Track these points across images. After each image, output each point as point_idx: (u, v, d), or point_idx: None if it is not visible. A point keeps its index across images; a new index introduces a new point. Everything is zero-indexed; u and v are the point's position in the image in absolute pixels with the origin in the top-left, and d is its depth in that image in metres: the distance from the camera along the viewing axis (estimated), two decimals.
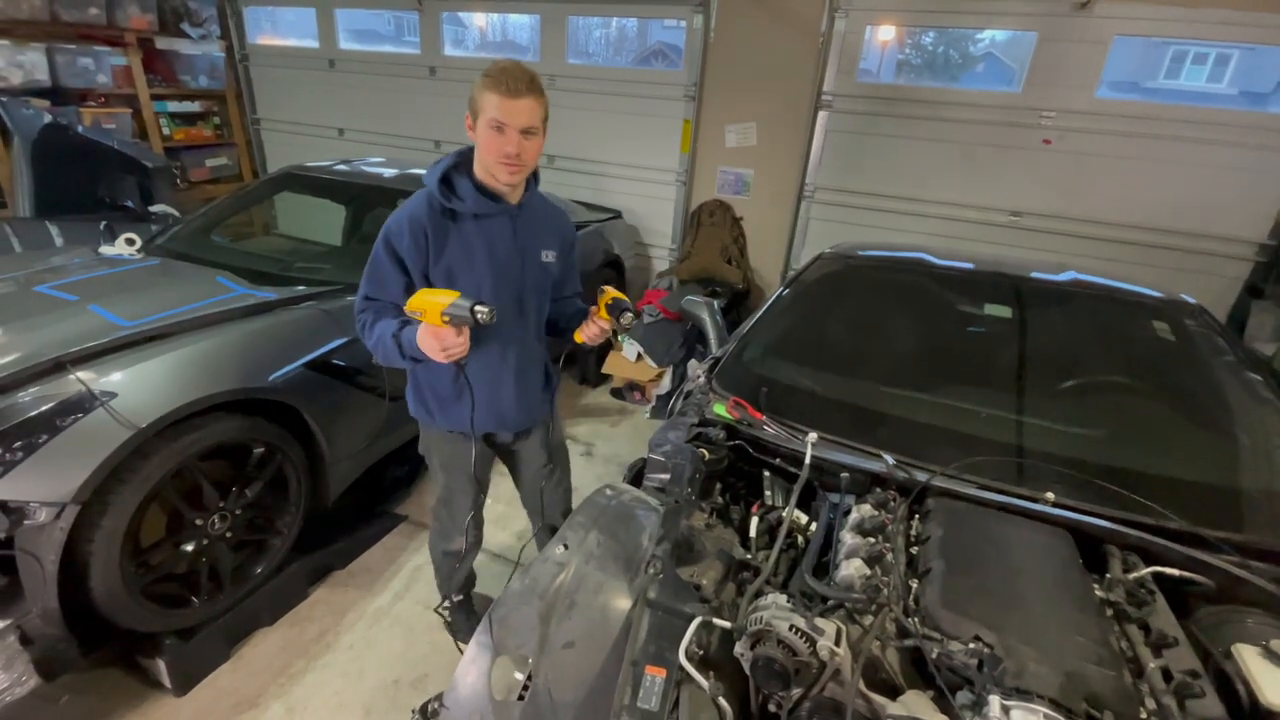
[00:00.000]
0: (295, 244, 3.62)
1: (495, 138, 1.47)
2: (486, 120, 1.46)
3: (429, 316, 1.40)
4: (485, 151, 1.51)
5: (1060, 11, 3.66)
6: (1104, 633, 1.06)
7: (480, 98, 1.46)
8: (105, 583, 1.74)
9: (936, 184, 4.24)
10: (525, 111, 1.45)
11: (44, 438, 1.63)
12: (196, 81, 5.83)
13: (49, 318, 2.05)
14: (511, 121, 1.45)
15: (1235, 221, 3.72)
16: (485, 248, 1.59)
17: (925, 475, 1.46)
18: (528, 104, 1.45)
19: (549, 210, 1.75)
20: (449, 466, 1.87)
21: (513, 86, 1.42)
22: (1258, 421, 1.73)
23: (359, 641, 2.21)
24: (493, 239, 1.60)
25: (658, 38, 6.29)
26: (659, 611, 1.10)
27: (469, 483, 1.86)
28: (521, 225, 1.64)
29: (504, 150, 1.47)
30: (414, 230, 1.53)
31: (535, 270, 1.69)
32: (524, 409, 1.83)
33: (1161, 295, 2.17)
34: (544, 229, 1.70)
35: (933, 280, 2.32)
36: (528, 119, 1.46)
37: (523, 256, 1.65)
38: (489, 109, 1.45)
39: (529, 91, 1.45)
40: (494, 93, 1.43)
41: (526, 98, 1.44)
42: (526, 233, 1.65)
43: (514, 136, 1.46)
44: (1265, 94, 5.03)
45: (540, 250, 1.69)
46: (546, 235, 1.71)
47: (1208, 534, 1.33)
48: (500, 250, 1.61)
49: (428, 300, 1.40)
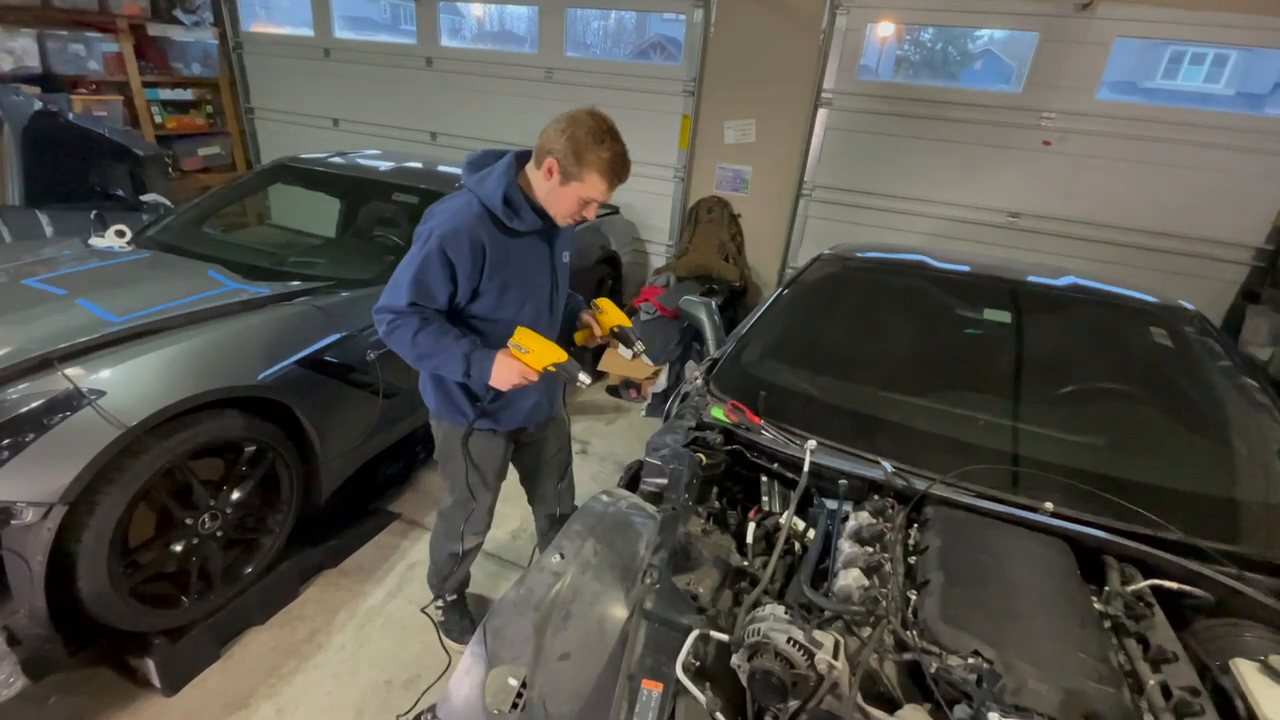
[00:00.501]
0: (289, 237, 3.58)
1: (575, 205, 1.54)
2: (580, 193, 1.51)
3: (533, 359, 1.52)
4: (559, 208, 1.56)
5: (1062, 12, 3.64)
6: (1103, 648, 1.05)
7: (583, 170, 1.47)
8: (93, 583, 1.72)
9: (936, 184, 4.22)
10: (612, 193, 1.54)
11: (31, 436, 1.60)
12: (189, 69, 5.75)
13: (37, 312, 2.01)
14: (600, 200, 1.54)
15: (1232, 225, 3.73)
16: (534, 261, 1.67)
17: (923, 483, 1.46)
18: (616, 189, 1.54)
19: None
20: (482, 461, 1.85)
21: (620, 180, 1.52)
22: (1256, 432, 1.73)
23: (350, 641, 2.20)
24: (537, 251, 1.67)
25: (657, 30, 6.24)
26: (656, 623, 1.08)
27: (494, 480, 1.92)
28: (556, 236, 1.72)
29: (581, 216, 1.58)
30: (473, 244, 1.53)
31: (562, 272, 1.78)
32: (549, 402, 1.91)
33: (1160, 301, 2.17)
34: (567, 234, 1.77)
35: (932, 284, 2.31)
36: (611, 197, 1.56)
37: (554, 263, 1.73)
38: (590, 189, 1.50)
39: (628, 177, 1.54)
40: (603, 179, 1.48)
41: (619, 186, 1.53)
42: (558, 241, 1.73)
43: (595, 209, 1.58)
44: (1262, 95, 5.03)
45: (563, 253, 1.77)
46: (565, 238, 1.77)
47: (1205, 545, 1.32)
48: (542, 261, 1.69)
49: (538, 345, 1.53)
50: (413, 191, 3.20)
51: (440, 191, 3.09)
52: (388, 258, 2.87)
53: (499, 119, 5.25)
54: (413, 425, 2.90)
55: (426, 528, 2.75)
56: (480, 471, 1.87)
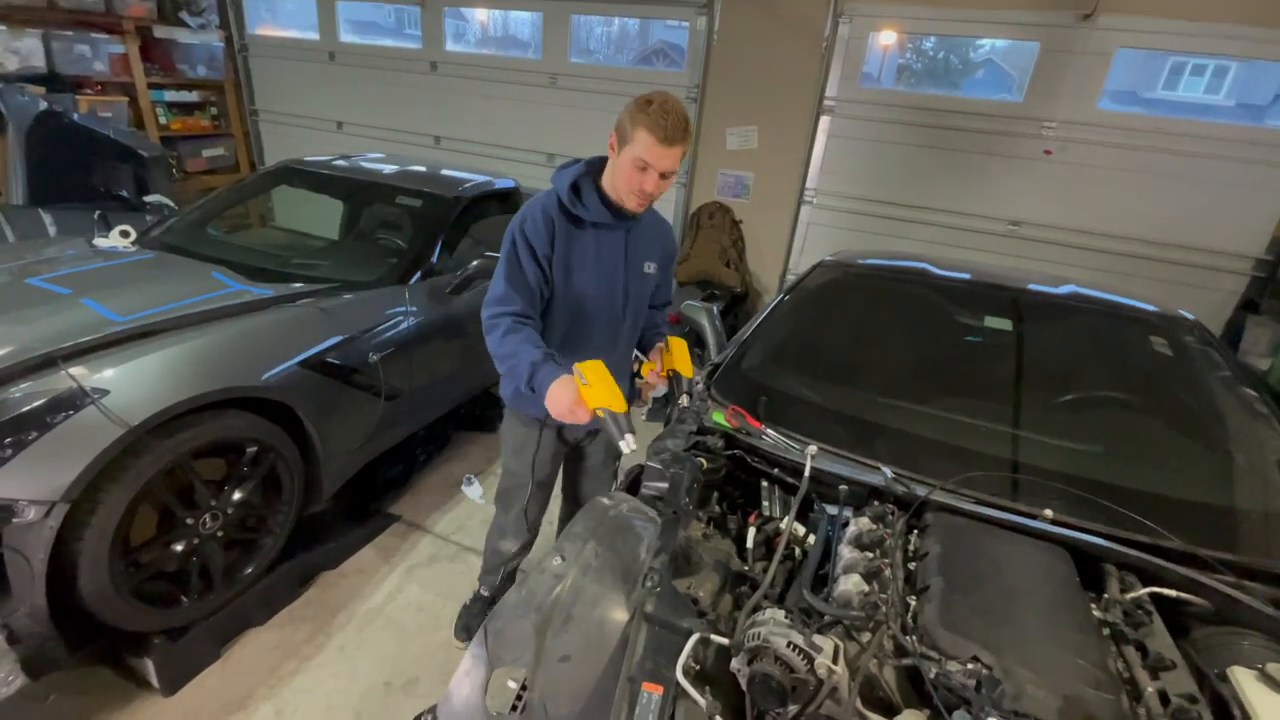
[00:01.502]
0: (293, 239, 3.59)
1: (636, 174, 1.50)
2: (632, 156, 1.48)
3: (591, 395, 1.40)
4: (621, 180, 1.55)
5: (1063, 23, 3.66)
6: (1102, 655, 1.05)
7: (633, 130, 1.47)
8: (94, 582, 1.72)
9: (937, 192, 4.24)
10: (673, 158, 1.48)
11: (34, 435, 1.61)
12: (195, 71, 5.79)
13: (41, 311, 2.02)
14: (657, 164, 1.48)
15: (1232, 236, 3.75)
16: (598, 254, 1.66)
17: (924, 489, 1.46)
18: (677, 151, 1.48)
19: (656, 222, 1.82)
20: (520, 448, 1.91)
21: (670, 134, 1.44)
22: (1255, 440, 1.73)
23: (350, 643, 2.20)
24: (607, 247, 1.67)
25: (660, 36, 6.26)
26: (656, 626, 1.09)
27: (532, 470, 1.91)
28: (633, 237, 1.71)
29: (642, 187, 1.52)
30: (545, 220, 1.59)
31: (637, 280, 1.76)
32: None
33: (1160, 310, 2.17)
34: (651, 241, 1.77)
35: (932, 291, 2.32)
36: (672, 163, 1.49)
37: (628, 266, 1.72)
38: (639, 147, 1.46)
39: (683, 139, 1.47)
40: (650, 133, 1.44)
41: (678, 145, 1.46)
42: (635, 244, 1.72)
43: (654, 178, 1.50)
44: (1263, 106, 5.06)
45: (644, 261, 1.76)
46: (651, 247, 1.77)
47: (1204, 554, 1.33)
48: (611, 258, 1.68)
49: (602, 384, 1.40)
50: (416, 195, 3.22)
51: (443, 195, 3.13)
52: (391, 260, 2.88)
53: (503, 124, 5.28)
54: (414, 427, 2.91)
55: (427, 530, 2.76)
56: (518, 457, 1.92)
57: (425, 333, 2.70)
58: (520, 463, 1.93)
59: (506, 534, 2.07)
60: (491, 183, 3.41)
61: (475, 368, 3.15)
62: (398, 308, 2.62)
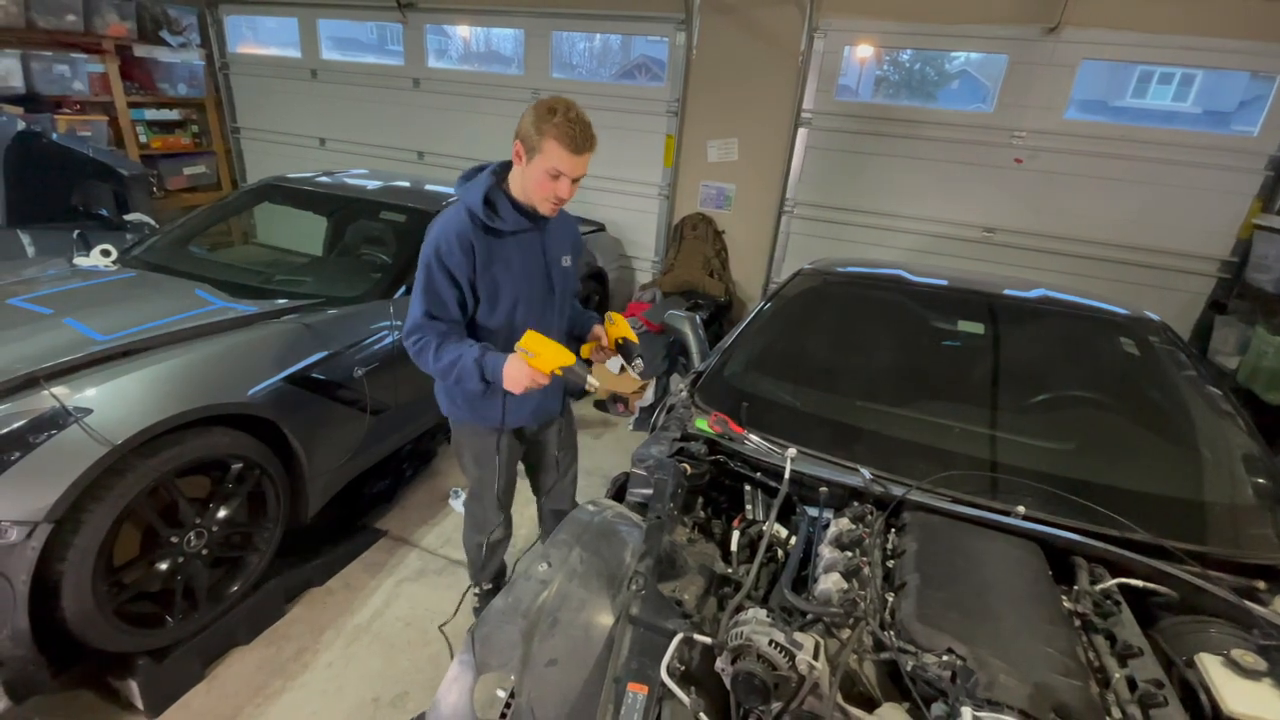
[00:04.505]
0: (276, 255, 3.59)
1: (549, 183, 1.56)
2: (545, 167, 1.53)
3: (541, 362, 1.52)
4: (534, 188, 1.60)
5: (1029, 36, 3.78)
6: (1071, 644, 1.09)
7: (541, 140, 1.51)
8: (77, 603, 1.71)
9: (913, 200, 4.34)
10: (583, 165, 1.56)
11: (16, 455, 1.60)
12: (175, 89, 5.78)
13: (22, 331, 2.01)
14: (570, 172, 1.55)
15: (1199, 239, 3.86)
16: (521, 260, 1.71)
17: (901, 489, 1.50)
18: (586, 158, 1.55)
19: (562, 218, 1.86)
20: (481, 460, 1.96)
21: (579, 143, 1.50)
22: (1219, 436, 1.80)
23: (338, 659, 2.19)
24: (526, 251, 1.72)
25: (641, 51, 6.36)
26: (641, 628, 1.11)
27: (500, 474, 1.96)
28: (548, 235, 1.77)
29: (556, 194, 1.58)
30: (462, 244, 1.61)
31: (560, 273, 1.83)
32: (551, 401, 1.96)
33: (1127, 313, 2.24)
34: (562, 236, 1.83)
35: (909, 297, 2.38)
36: (583, 170, 1.57)
37: (549, 264, 1.79)
38: (551, 157, 1.51)
39: (591, 146, 1.54)
40: (561, 145, 1.50)
41: (588, 152, 1.54)
42: (550, 241, 1.78)
43: (567, 185, 1.57)
44: (1228, 113, 5.22)
45: (561, 256, 1.83)
46: (563, 242, 1.84)
47: (1171, 546, 1.37)
48: (533, 261, 1.74)
49: (545, 348, 1.52)
50: (399, 210, 3.24)
51: (427, 210, 3.15)
52: (374, 275, 2.89)
53: (486, 139, 5.32)
54: (400, 441, 2.91)
55: (414, 544, 2.75)
56: (480, 466, 1.97)
57: None
58: (485, 470, 1.97)
59: (485, 526, 2.08)
60: None
61: None
62: (382, 322, 2.63)
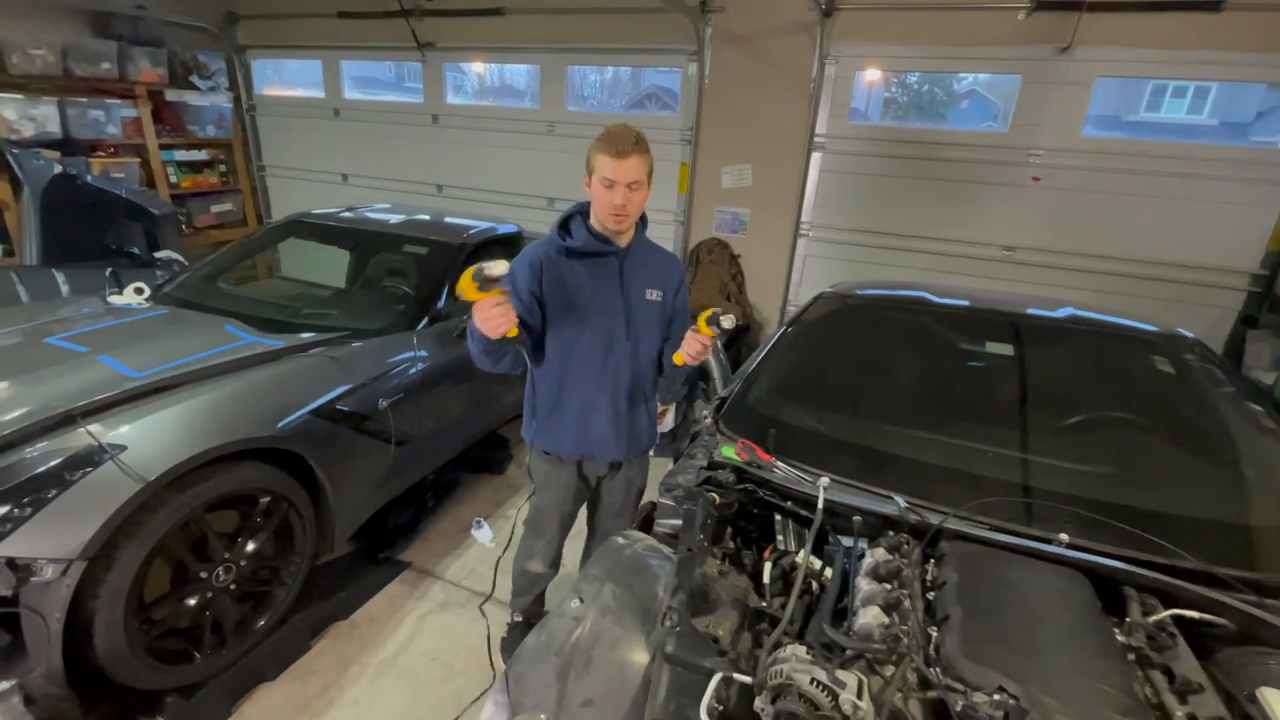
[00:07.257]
0: (302, 289, 3.66)
1: (605, 193, 1.68)
2: (599, 179, 1.68)
3: (463, 288, 1.49)
4: (597, 204, 1.74)
5: (1043, 56, 3.79)
6: (1128, 680, 1.05)
7: (594, 159, 1.68)
8: (109, 640, 1.71)
9: (930, 221, 4.32)
10: (631, 169, 1.65)
11: (52, 493, 1.63)
12: (204, 131, 5.97)
13: (60, 369, 2.06)
14: (619, 179, 1.65)
15: (1226, 252, 3.79)
16: (592, 282, 1.80)
17: (937, 518, 1.46)
18: (633, 163, 1.65)
19: (656, 254, 1.94)
20: (543, 486, 2.03)
21: (620, 149, 1.63)
22: (1264, 455, 1.74)
23: (363, 695, 2.16)
24: (599, 275, 1.81)
25: (653, 81, 6.47)
26: (678, 667, 1.08)
27: (556, 506, 2.04)
28: (628, 265, 1.83)
29: (612, 203, 1.68)
30: (532, 262, 1.80)
31: (640, 305, 1.86)
32: (616, 440, 1.93)
33: (1159, 330, 2.20)
34: (649, 270, 1.88)
35: (932, 318, 2.35)
36: (633, 175, 1.66)
37: (626, 293, 1.83)
38: (601, 168, 1.66)
39: (634, 151, 1.65)
40: (604, 154, 1.65)
41: (632, 157, 1.64)
42: (631, 272, 1.84)
43: (621, 191, 1.67)
44: (1245, 124, 5.15)
45: (645, 289, 1.87)
46: (650, 275, 1.89)
47: (1223, 573, 1.32)
48: (606, 285, 1.81)
49: (464, 279, 1.49)
50: (422, 242, 3.29)
51: (449, 242, 3.20)
52: (398, 307, 2.93)
53: (503, 171, 5.42)
54: (424, 472, 2.91)
55: (438, 576, 2.74)
56: (541, 491, 2.04)
57: (433, 377, 2.74)
58: (545, 498, 2.04)
59: (534, 555, 2.15)
60: (495, 228, 3.49)
61: (483, 410, 3.17)
62: (406, 353, 2.66)
